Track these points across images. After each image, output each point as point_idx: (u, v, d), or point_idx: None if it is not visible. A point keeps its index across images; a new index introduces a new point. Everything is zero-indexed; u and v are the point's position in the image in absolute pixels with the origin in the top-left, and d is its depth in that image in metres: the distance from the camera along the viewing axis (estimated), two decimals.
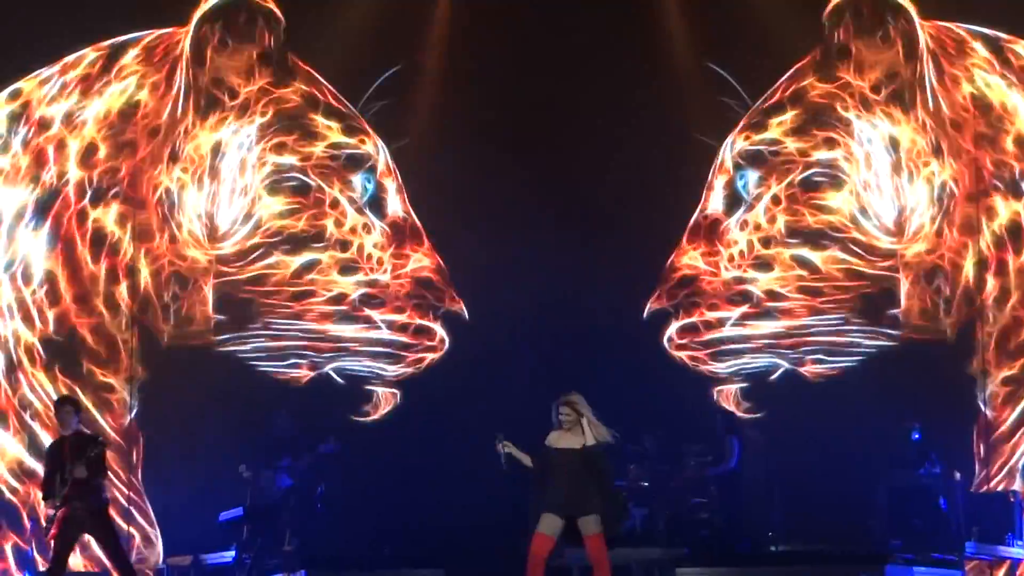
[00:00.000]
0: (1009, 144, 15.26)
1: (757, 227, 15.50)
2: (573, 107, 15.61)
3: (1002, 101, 15.26)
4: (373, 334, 15.34)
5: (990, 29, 15.36)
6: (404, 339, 15.37)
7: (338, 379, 15.44)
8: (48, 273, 14.99)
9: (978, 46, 15.34)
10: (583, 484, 11.77)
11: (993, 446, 14.87)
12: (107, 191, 15.17)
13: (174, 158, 15.24)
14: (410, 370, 15.37)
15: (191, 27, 15.18)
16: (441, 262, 15.42)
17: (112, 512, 12.51)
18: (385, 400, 15.45)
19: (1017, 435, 14.97)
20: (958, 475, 14.61)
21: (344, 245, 15.41)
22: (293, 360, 15.37)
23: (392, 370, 15.36)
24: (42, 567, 14.51)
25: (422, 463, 15.15)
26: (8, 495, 14.83)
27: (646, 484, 15.13)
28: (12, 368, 14.94)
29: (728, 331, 15.49)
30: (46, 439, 14.56)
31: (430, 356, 15.40)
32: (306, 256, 15.40)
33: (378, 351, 15.36)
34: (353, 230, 15.42)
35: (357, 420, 15.35)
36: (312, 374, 15.43)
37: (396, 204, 15.54)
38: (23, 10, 14.96)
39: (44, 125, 15.21)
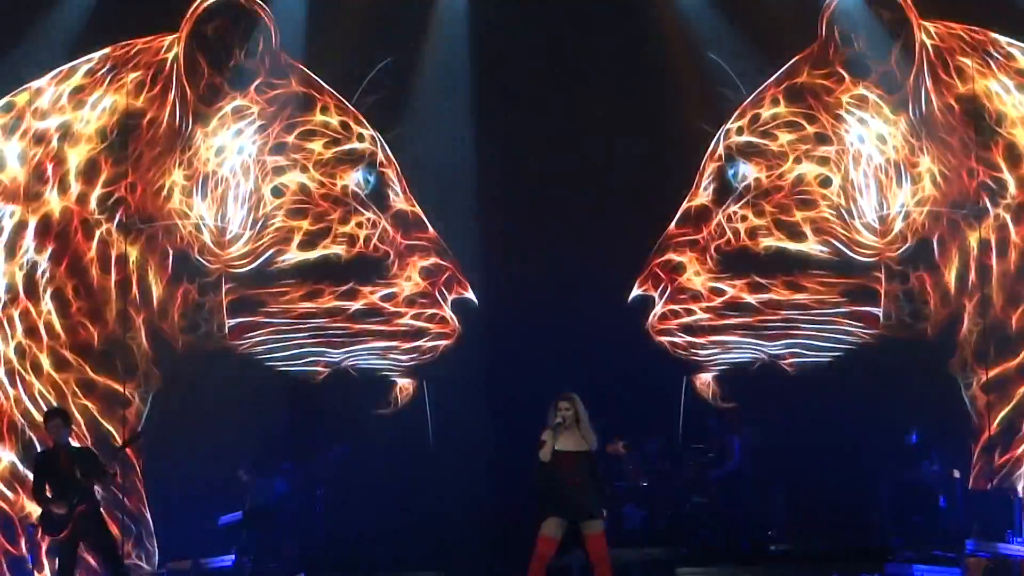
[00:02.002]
0: (998, 151, 15.27)
1: (744, 218, 15.54)
2: (570, 95, 15.59)
3: (995, 107, 15.27)
4: (385, 327, 15.33)
5: (989, 31, 15.35)
6: (416, 328, 15.34)
7: (354, 374, 15.41)
8: (56, 287, 14.85)
9: (976, 47, 15.35)
10: (587, 487, 11.83)
11: (986, 447, 14.92)
12: (111, 202, 15.00)
13: (176, 165, 15.12)
14: (426, 358, 15.35)
15: (183, 33, 15.03)
16: (448, 248, 15.40)
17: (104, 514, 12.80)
18: (403, 392, 15.41)
19: (1010, 436, 15.02)
20: (957, 473, 14.70)
21: (351, 240, 15.38)
22: (308, 358, 15.32)
23: (407, 360, 15.32)
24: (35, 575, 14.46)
25: (420, 464, 15.14)
26: (2, 504, 14.70)
27: (645, 484, 15.15)
28: (12, 380, 14.81)
29: (710, 320, 15.51)
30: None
31: (444, 343, 15.37)
32: (314, 253, 15.36)
33: (391, 343, 15.34)
34: (359, 224, 15.39)
35: (356, 423, 15.24)
36: (327, 371, 15.38)
37: (398, 195, 15.51)
38: (13, 22, 14.82)
39: (41, 139, 15.01)
